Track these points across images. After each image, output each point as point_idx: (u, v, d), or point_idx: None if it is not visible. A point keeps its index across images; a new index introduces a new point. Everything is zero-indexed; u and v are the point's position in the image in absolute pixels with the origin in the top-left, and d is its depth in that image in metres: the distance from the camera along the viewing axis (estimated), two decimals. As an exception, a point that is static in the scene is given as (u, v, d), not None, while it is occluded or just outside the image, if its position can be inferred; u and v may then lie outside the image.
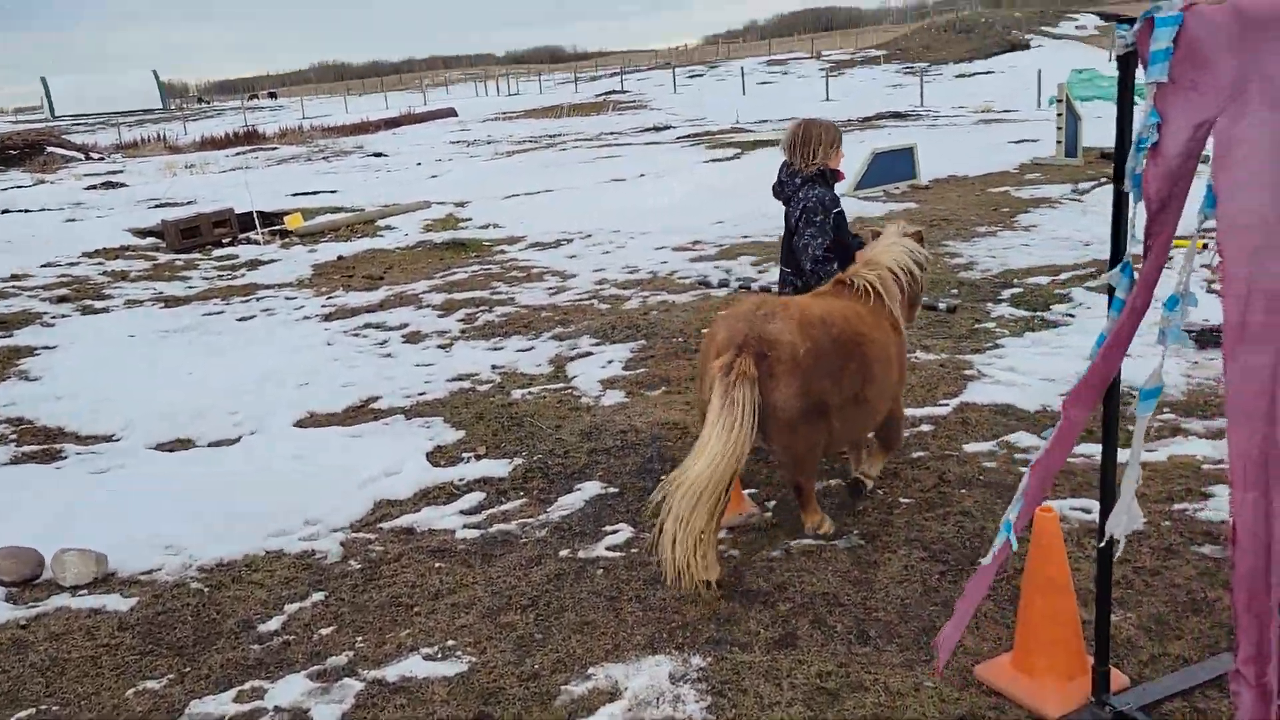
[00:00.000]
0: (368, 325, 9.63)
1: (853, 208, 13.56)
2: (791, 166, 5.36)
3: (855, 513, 4.98)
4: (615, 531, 5.02)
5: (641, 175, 18.67)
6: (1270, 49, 2.51)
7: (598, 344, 8.30)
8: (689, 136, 26.97)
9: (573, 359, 7.96)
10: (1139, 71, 2.86)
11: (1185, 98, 2.68)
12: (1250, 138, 2.53)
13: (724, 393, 4.14)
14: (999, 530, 3.12)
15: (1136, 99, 2.96)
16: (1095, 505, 4.77)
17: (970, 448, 5.63)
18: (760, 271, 10.46)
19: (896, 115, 30.07)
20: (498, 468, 5.94)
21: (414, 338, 9.05)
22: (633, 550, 4.80)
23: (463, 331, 9.12)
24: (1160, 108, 2.73)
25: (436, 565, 4.85)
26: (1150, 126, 2.75)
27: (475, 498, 5.59)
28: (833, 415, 4.46)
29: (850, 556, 4.53)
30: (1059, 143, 16.74)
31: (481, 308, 9.92)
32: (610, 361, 7.76)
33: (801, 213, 5.25)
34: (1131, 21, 2.81)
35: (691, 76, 58.68)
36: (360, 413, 7.14)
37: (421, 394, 7.40)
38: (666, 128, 31.10)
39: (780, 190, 5.43)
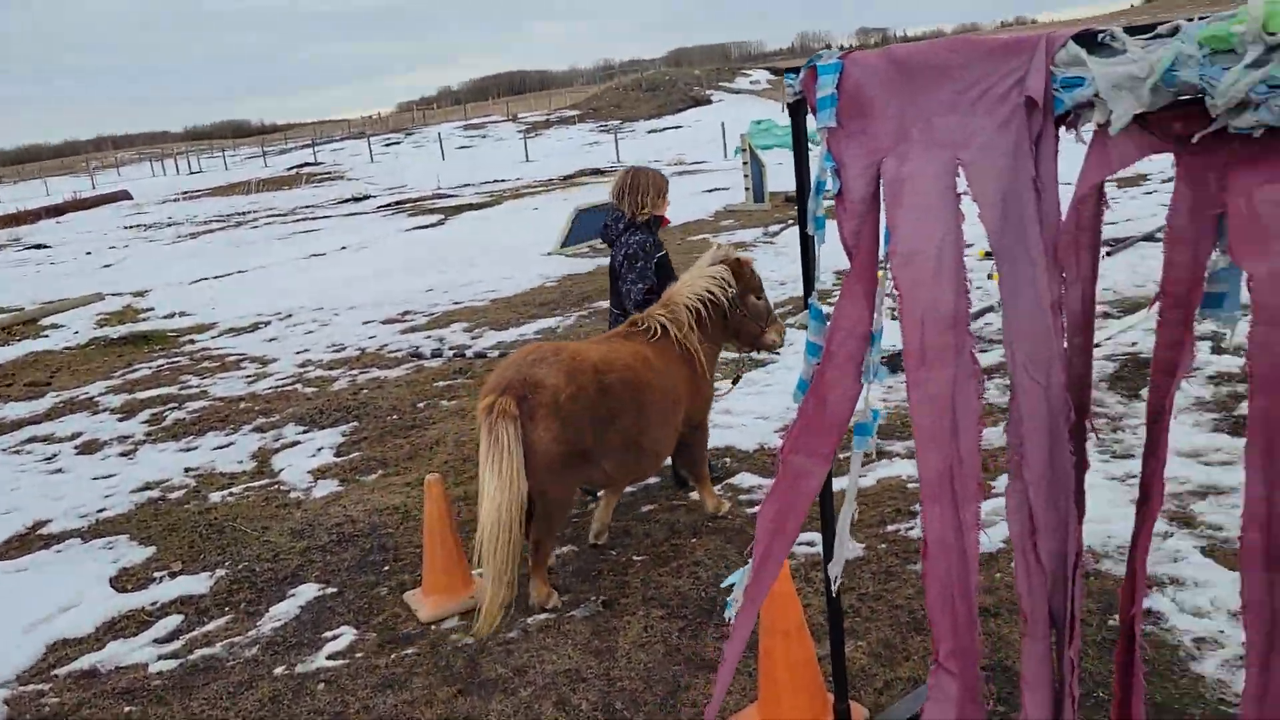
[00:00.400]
0: (32, 439, 8.48)
1: (562, 266, 13.69)
2: (618, 212, 5.53)
3: (591, 577, 4.83)
4: (336, 636, 4.58)
5: (343, 248, 17.99)
6: (923, 94, 2.62)
7: (305, 431, 7.73)
8: (390, 205, 26.41)
9: (278, 451, 7.35)
10: (810, 118, 2.93)
11: (857, 141, 2.76)
12: (916, 175, 2.63)
13: (488, 433, 4.22)
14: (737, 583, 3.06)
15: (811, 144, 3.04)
16: (818, 538, 4.91)
17: (697, 495, 5.65)
18: (474, 338, 10.23)
19: (597, 171, 30.97)
20: (196, 584, 5.30)
21: (90, 448, 8.05)
22: (357, 655, 4.39)
23: (148, 434, 8.22)
24: (835, 152, 2.80)
25: (127, 709, 4.20)
26: (827, 170, 2.81)
27: (171, 622, 4.95)
28: (604, 461, 4.53)
29: (590, 626, 4.36)
30: (747, 190, 17.79)
31: (170, 405, 9.02)
32: (320, 449, 7.24)
33: (624, 258, 5.41)
34: (798, 71, 2.88)
35: (388, 144, 57.85)
36: (26, 542, 6.20)
37: (101, 511, 6.55)
38: (366, 198, 30.33)
39: (606, 234, 5.62)
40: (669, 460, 5.54)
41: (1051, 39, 2.42)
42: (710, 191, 20.57)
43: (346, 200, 30.24)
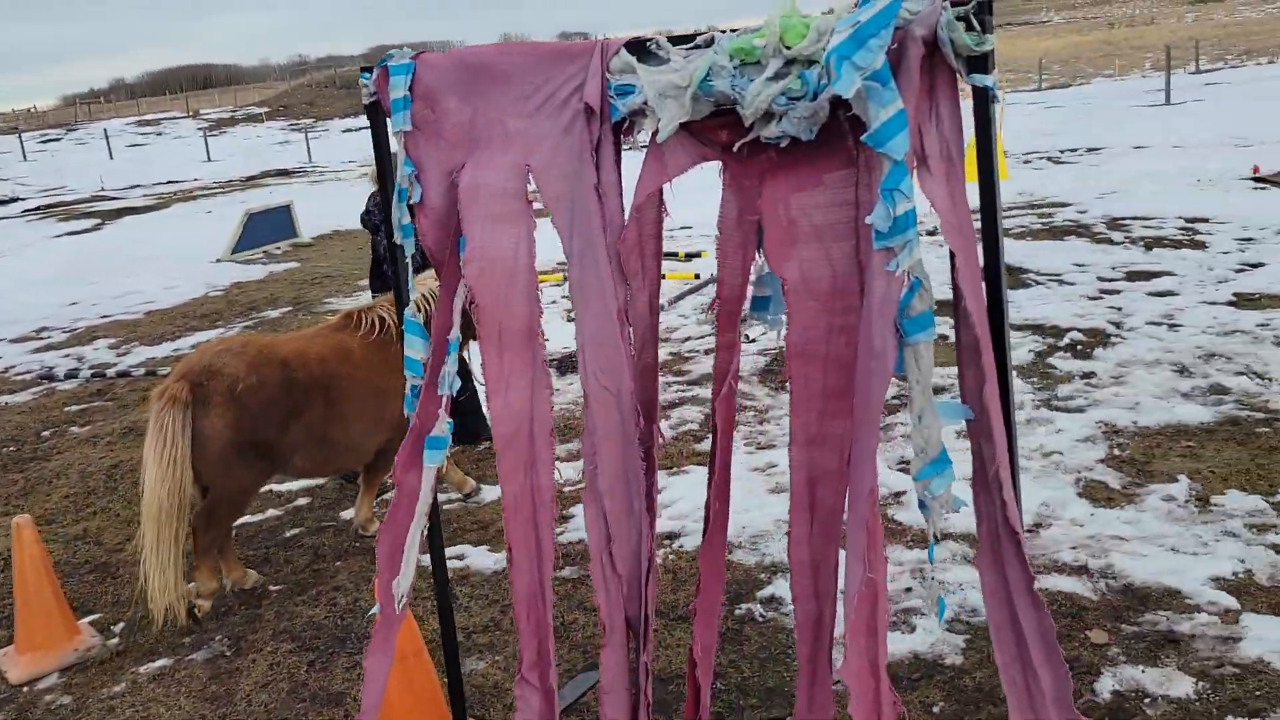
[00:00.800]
0: None
1: (231, 274, 12.81)
2: (379, 198, 5.43)
3: (220, 614, 4.44)
4: (-97, 714, 3.93)
5: (-27, 257, 15.91)
6: (493, 98, 2.55)
7: (-105, 471, 6.66)
8: (41, 209, 23.72)
9: None
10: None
11: (435, 145, 2.65)
12: (489, 181, 2.56)
13: (155, 418, 4.11)
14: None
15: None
16: (469, 550, 4.80)
17: (348, 514, 5.38)
18: (120, 355, 9.30)
19: (283, 172, 29.44)
20: None
21: None
22: (-74, 733, 3.78)
23: None
24: (414, 157, 2.68)
25: None
26: (408, 176, 2.68)
27: None
28: (293, 456, 4.45)
29: (209, 669, 4.00)
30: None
31: None
32: (-89, 491, 6.26)
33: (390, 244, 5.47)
34: (372, 70, 2.73)
35: (46, 141, 52.12)
36: None
37: None
38: (13, 200, 27.07)
39: (368, 219, 5.68)
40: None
41: (606, 46, 2.41)
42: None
43: (-11, 203, 26.89)
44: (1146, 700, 3.27)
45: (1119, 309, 7.58)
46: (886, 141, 2.01)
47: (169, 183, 28.93)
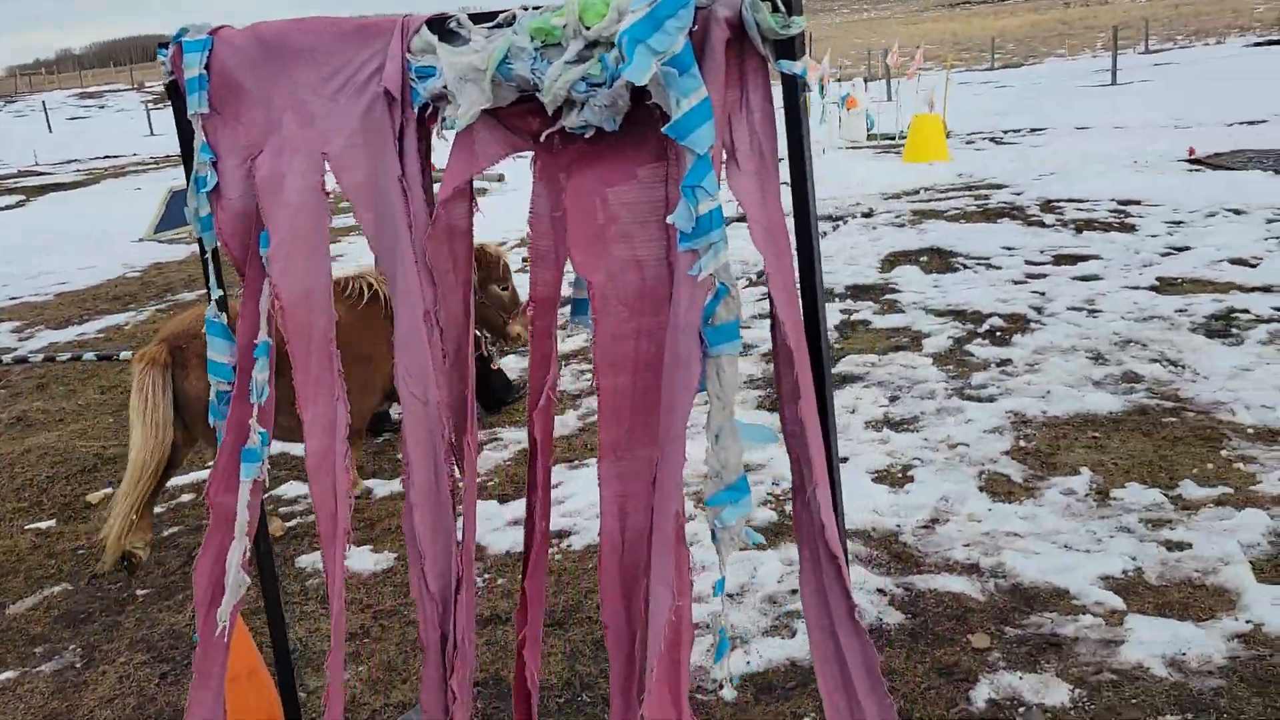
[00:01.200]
0: None
1: (152, 254, 12.43)
2: None
3: (78, 620, 4.21)
4: None
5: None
6: (291, 79, 2.33)
7: None
8: (-33, 183, 22.99)
9: None
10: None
11: (231, 130, 2.43)
12: (287, 171, 2.34)
13: (137, 380, 4.33)
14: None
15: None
16: (351, 549, 4.59)
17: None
18: (21, 340, 8.94)
19: (225, 149, 28.71)
20: None
21: None
22: None
23: None
24: (211, 142, 2.46)
25: None
26: (205, 164, 2.46)
27: None
28: (280, 417, 4.56)
29: (55, 682, 3.78)
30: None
31: None
32: None
33: None
34: (168, 45, 2.50)
35: (-16, 113, 50.72)
36: None
37: None
38: (-59, 174, 26.29)
39: None
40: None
41: (408, 23, 2.20)
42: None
43: (-85, 177, 26.00)
44: (1022, 709, 3.16)
45: (1042, 294, 7.49)
46: (689, 133, 1.84)
47: (105, 157, 28.16)
